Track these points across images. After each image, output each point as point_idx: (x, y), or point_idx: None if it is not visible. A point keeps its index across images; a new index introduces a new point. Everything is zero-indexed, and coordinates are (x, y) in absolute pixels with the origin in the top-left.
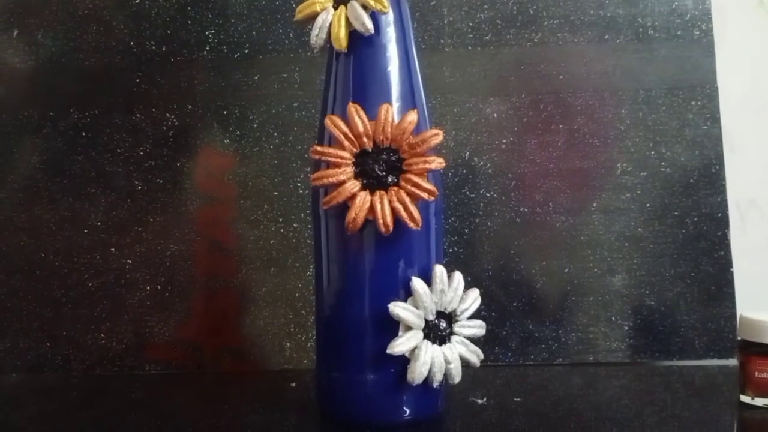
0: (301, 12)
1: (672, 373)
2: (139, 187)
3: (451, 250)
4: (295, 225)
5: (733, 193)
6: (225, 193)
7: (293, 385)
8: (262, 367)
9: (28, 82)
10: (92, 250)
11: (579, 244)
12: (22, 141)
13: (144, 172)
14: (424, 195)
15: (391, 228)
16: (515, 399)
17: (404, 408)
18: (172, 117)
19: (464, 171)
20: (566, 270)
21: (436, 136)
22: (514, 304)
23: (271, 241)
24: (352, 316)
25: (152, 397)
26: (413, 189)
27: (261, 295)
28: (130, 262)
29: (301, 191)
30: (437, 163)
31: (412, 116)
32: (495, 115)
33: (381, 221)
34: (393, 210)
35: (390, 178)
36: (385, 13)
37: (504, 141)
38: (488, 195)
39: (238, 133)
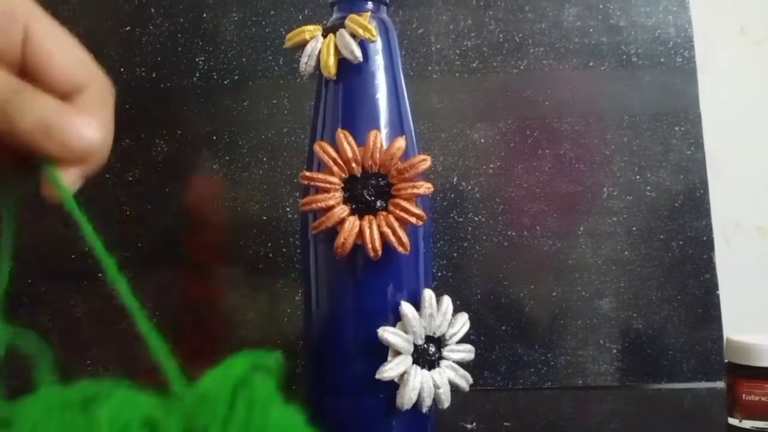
0: (291, 40)
1: (661, 397)
2: (128, 213)
3: (440, 274)
4: (284, 250)
5: (718, 217)
6: (214, 219)
7: None
8: None
9: None
10: (80, 276)
11: (566, 268)
12: None
13: (133, 197)
14: (413, 219)
15: (380, 252)
16: (505, 423)
17: None
18: (162, 143)
19: (452, 195)
20: (554, 294)
21: (424, 161)
22: (503, 327)
23: (260, 266)
24: (341, 340)
25: None
26: (402, 214)
27: (249, 319)
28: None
29: (290, 216)
30: (425, 188)
31: (401, 142)
32: (482, 140)
33: (370, 246)
34: (382, 234)
35: (379, 203)
36: (373, 41)
37: (491, 166)
38: (476, 219)
39: (228, 158)
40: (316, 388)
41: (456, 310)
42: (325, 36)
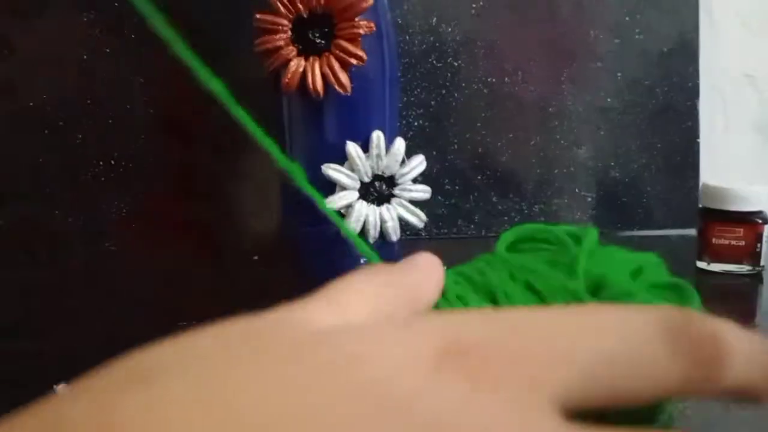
0: None
1: (632, 243)
2: None
3: (416, 123)
4: None
5: (706, 64)
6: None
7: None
8: None
9: None
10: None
11: (547, 116)
12: None
13: None
14: (353, 60)
15: (321, 93)
16: None
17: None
18: None
19: (431, 38)
20: (533, 142)
21: (365, 0)
22: (479, 177)
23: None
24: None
25: None
26: (342, 55)
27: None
28: None
29: None
30: (366, 27)
31: None
32: None
33: (311, 86)
34: (323, 75)
35: (322, 44)
36: None
37: (473, 6)
38: (455, 64)
39: None
40: (287, 220)
41: (432, 159)
42: None
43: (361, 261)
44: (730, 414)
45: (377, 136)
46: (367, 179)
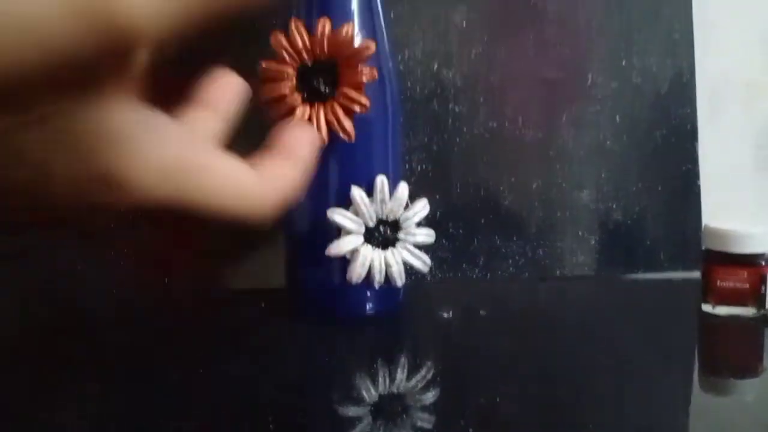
0: None
1: (637, 286)
2: None
3: (419, 167)
4: None
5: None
6: None
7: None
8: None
9: None
10: None
11: (548, 159)
12: None
13: None
14: (357, 107)
15: (326, 140)
16: (480, 312)
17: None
18: None
19: (432, 84)
20: (534, 185)
21: (368, 48)
22: (482, 220)
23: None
24: (313, 225)
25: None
26: (346, 102)
27: None
28: None
29: None
30: (369, 74)
31: (347, 28)
32: (464, 23)
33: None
34: (327, 122)
35: (327, 91)
36: None
37: (473, 51)
38: (457, 109)
39: None
40: (292, 261)
41: (435, 203)
42: None
43: (367, 294)
44: None
45: (381, 181)
46: (371, 224)
